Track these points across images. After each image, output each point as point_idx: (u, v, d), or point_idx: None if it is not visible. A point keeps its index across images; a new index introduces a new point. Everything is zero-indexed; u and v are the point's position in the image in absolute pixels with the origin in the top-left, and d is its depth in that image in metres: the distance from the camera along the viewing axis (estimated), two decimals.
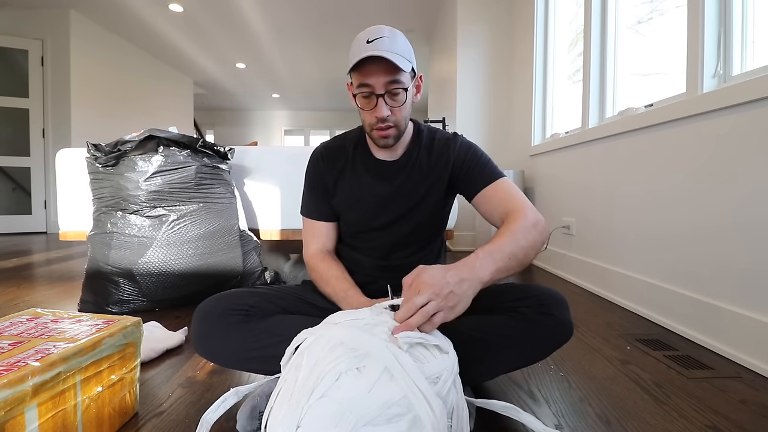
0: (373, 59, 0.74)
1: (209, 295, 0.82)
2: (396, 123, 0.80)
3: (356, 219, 0.91)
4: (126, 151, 1.51)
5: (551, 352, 0.77)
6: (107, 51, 4.83)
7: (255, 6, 4.17)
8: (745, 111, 1.06)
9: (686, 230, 1.27)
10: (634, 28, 1.82)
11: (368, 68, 0.75)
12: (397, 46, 0.75)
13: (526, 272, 2.28)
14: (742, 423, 0.76)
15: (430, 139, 0.91)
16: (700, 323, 1.19)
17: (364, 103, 0.79)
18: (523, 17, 2.86)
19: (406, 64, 0.76)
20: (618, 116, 1.74)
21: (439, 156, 0.89)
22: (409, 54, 0.78)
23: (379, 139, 0.82)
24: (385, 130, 0.80)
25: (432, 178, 0.88)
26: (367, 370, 0.49)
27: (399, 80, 0.76)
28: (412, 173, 0.88)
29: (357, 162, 0.90)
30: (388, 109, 0.77)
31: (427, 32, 4.85)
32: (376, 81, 0.75)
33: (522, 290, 0.78)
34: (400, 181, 0.88)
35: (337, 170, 0.91)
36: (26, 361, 0.54)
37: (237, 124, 9.11)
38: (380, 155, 0.89)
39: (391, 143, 0.82)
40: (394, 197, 0.88)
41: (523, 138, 2.82)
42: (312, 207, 0.93)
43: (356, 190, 0.89)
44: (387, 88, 0.76)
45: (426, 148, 0.90)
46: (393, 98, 0.77)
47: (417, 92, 0.85)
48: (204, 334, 0.75)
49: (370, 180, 0.89)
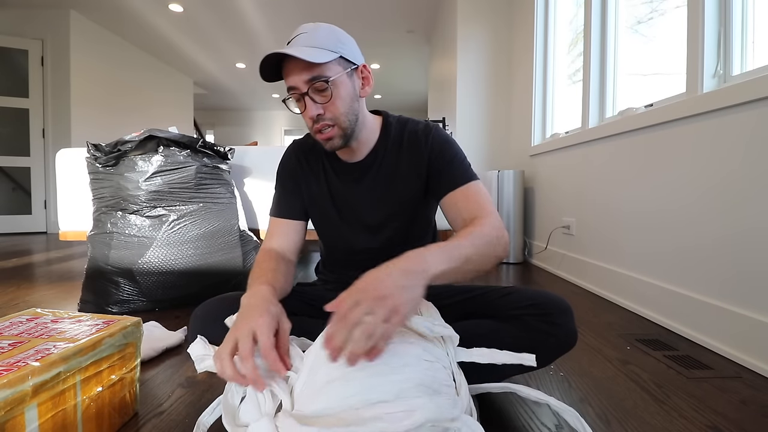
0: (290, 59, 0.69)
1: (209, 295, 0.82)
2: (334, 121, 0.73)
3: (328, 226, 0.88)
4: (126, 151, 1.51)
5: (554, 359, 0.76)
6: (107, 51, 4.83)
7: (255, 6, 4.17)
8: (745, 111, 1.06)
9: (686, 230, 1.27)
10: (634, 28, 1.82)
11: (288, 69, 0.70)
12: (317, 39, 0.70)
13: (527, 272, 2.28)
14: (742, 423, 0.76)
15: (400, 132, 0.84)
16: (700, 323, 1.19)
17: (294, 105, 0.75)
18: (523, 17, 2.86)
19: (325, 56, 0.69)
20: (618, 116, 1.74)
21: (412, 150, 0.81)
22: (334, 44, 0.71)
23: (323, 143, 0.76)
24: (324, 132, 0.73)
25: (405, 174, 0.81)
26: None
27: (321, 75, 0.69)
28: (380, 172, 0.82)
29: (327, 164, 0.86)
30: (318, 107, 0.71)
31: (427, 32, 4.85)
32: (297, 80, 0.70)
33: (527, 297, 0.75)
34: (367, 183, 0.83)
35: (309, 169, 0.87)
36: (26, 361, 0.54)
37: (237, 124, 9.11)
38: (344, 157, 0.84)
39: (337, 144, 0.76)
40: (363, 201, 0.84)
41: (523, 138, 2.82)
42: (279, 204, 0.89)
43: (326, 195, 0.86)
44: (309, 86, 0.70)
45: (395, 143, 0.83)
46: (319, 94, 0.71)
47: (363, 84, 0.78)
48: (202, 336, 0.74)
49: (339, 184, 0.85)
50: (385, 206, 0.83)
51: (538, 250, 2.47)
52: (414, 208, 0.84)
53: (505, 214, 2.56)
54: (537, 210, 2.55)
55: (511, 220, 2.55)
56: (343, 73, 0.73)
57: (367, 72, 0.79)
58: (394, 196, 0.82)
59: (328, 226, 0.89)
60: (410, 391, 0.51)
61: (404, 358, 0.53)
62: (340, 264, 0.94)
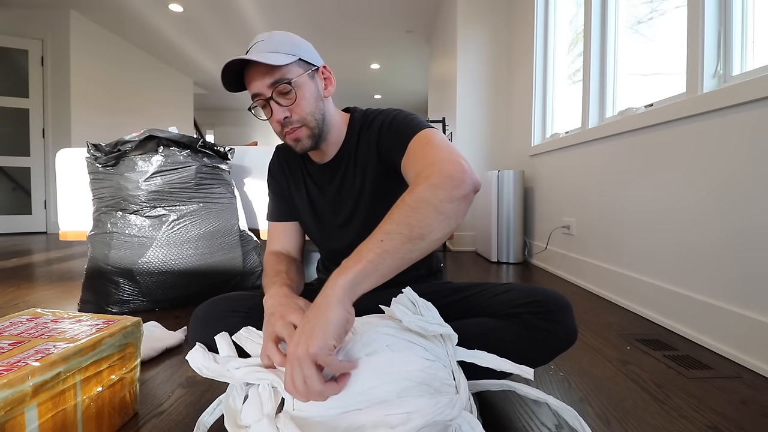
0: (250, 67, 0.71)
1: (209, 295, 0.82)
2: (302, 121, 0.73)
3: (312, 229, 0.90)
4: (126, 151, 1.51)
5: (554, 357, 0.76)
6: (107, 51, 4.83)
7: (255, 6, 4.17)
8: (746, 111, 1.06)
9: (686, 230, 1.27)
10: (634, 28, 1.82)
11: (249, 77, 0.72)
12: (273, 44, 0.71)
13: (527, 272, 2.28)
14: (742, 423, 0.76)
15: (362, 125, 0.82)
16: (700, 323, 1.19)
17: (260, 112, 0.75)
18: (523, 17, 2.86)
19: (284, 59, 0.70)
20: (618, 116, 1.74)
21: (368, 139, 0.80)
22: (290, 48, 0.72)
23: (294, 144, 0.76)
24: (293, 133, 0.74)
25: (364, 167, 0.80)
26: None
27: (282, 78, 0.70)
28: (348, 169, 0.82)
29: (305, 170, 0.88)
30: (284, 110, 0.72)
31: (427, 32, 4.85)
32: (260, 86, 0.71)
33: (527, 294, 0.75)
34: (337, 182, 0.83)
35: (292, 176, 0.89)
36: (26, 361, 0.54)
37: (237, 124, 9.11)
38: (317, 159, 0.85)
39: (307, 145, 0.76)
40: (334, 202, 0.84)
41: (523, 138, 2.82)
42: (275, 209, 0.92)
43: (306, 199, 0.88)
44: (273, 89, 0.71)
45: (356, 136, 0.82)
46: (284, 97, 0.72)
47: (326, 85, 0.78)
48: (202, 337, 0.74)
49: (314, 188, 0.87)
50: (352, 201, 0.83)
51: (538, 250, 2.47)
52: (380, 195, 0.80)
53: (505, 214, 2.56)
54: (537, 210, 2.55)
55: (511, 220, 2.56)
56: (305, 74, 0.74)
57: (329, 72, 0.79)
58: (359, 189, 0.82)
59: (312, 229, 0.90)
60: (412, 390, 0.52)
61: (406, 357, 0.54)
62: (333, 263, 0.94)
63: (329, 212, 0.86)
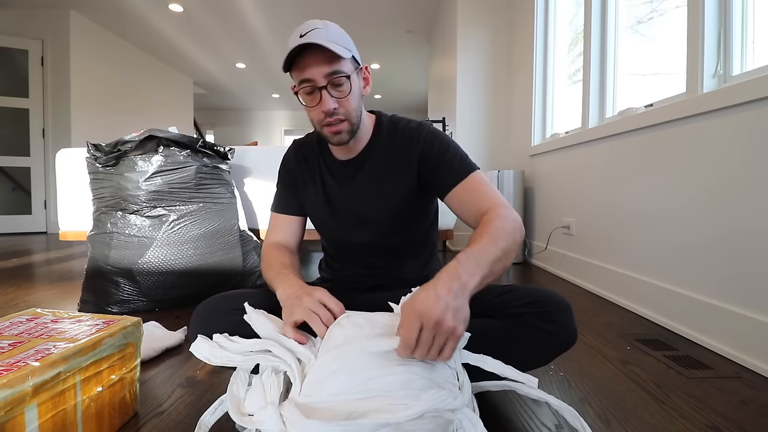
0: (308, 52, 0.70)
1: (209, 295, 0.82)
2: (346, 116, 0.75)
3: (325, 224, 0.90)
4: (126, 151, 1.51)
5: (554, 358, 0.76)
6: (107, 51, 4.83)
7: (255, 6, 4.17)
8: (745, 111, 1.06)
9: (686, 230, 1.27)
10: (634, 28, 1.82)
11: (306, 61, 0.71)
12: (332, 35, 0.72)
13: (527, 272, 2.28)
14: (742, 423, 0.76)
15: (392, 130, 0.85)
16: (700, 323, 1.19)
17: (309, 99, 0.75)
18: (523, 17, 2.86)
19: (345, 52, 0.72)
20: (618, 116, 1.74)
21: (403, 148, 0.82)
22: (346, 42, 0.75)
23: (331, 136, 0.77)
24: (335, 125, 0.75)
25: (396, 173, 0.82)
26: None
27: (340, 70, 0.72)
28: (372, 170, 0.84)
29: (323, 163, 0.88)
30: (333, 101, 0.73)
31: (427, 32, 4.85)
32: (316, 73, 0.71)
33: (527, 295, 0.75)
34: (360, 180, 0.84)
35: (307, 169, 0.89)
36: (26, 361, 0.54)
37: (237, 124, 9.11)
38: (339, 155, 0.86)
39: (345, 139, 0.77)
40: (356, 199, 0.85)
41: (523, 138, 2.82)
42: (279, 201, 0.93)
43: (322, 193, 0.88)
44: (329, 80, 0.71)
45: (387, 141, 0.84)
46: (337, 89, 0.73)
47: (365, 84, 0.81)
48: (203, 335, 0.74)
49: (333, 183, 0.87)
50: (376, 202, 0.84)
51: (538, 250, 2.47)
52: (406, 203, 0.84)
53: None
54: (537, 210, 2.55)
55: None
56: (354, 71, 0.76)
57: (368, 73, 0.82)
58: (386, 192, 0.84)
59: (325, 224, 0.91)
60: (415, 383, 0.52)
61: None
62: (340, 261, 0.95)
63: (347, 207, 0.87)
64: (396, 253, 0.89)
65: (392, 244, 0.88)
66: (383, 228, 0.86)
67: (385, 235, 0.86)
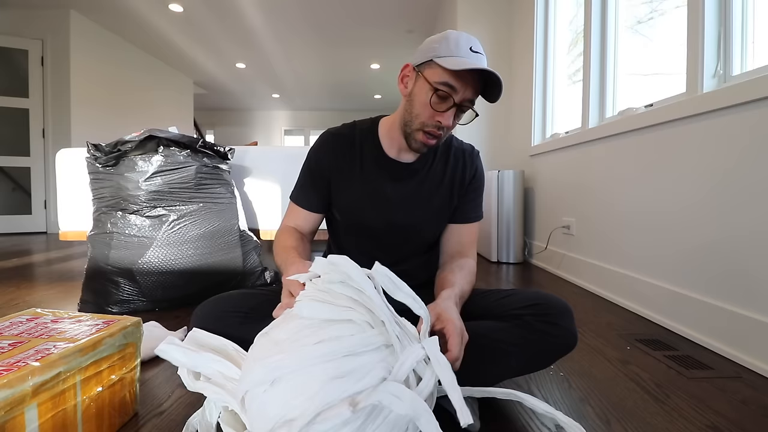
0: (478, 74, 0.73)
1: (209, 295, 0.82)
2: (445, 135, 0.80)
3: (357, 216, 0.88)
4: (126, 151, 1.51)
5: (555, 360, 0.76)
6: (107, 51, 4.83)
7: (255, 6, 4.17)
8: (746, 111, 1.06)
9: (687, 230, 1.27)
10: (634, 28, 1.82)
11: (475, 81, 0.74)
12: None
13: (527, 272, 2.28)
14: (742, 423, 0.76)
15: (447, 146, 0.90)
16: (700, 323, 1.19)
17: (436, 101, 0.75)
18: (523, 17, 2.86)
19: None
20: (618, 116, 1.74)
21: (457, 167, 0.89)
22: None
23: (423, 141, 0.79)
24: (434, 138, 0.79)
25: (446, 187, 0.88)
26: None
27: (474, 101, 0.77)
28: (427, 179, 0.87)
29: (367, 157, 0.87)
30: (455, 122, 0.78)
31: (427, 32, 4.85)
32: (464, 92, 0.74)
33: (528, 298, 0.76)
34: (413, 185, 0.87)
35: (344, 161, 0.87)
36: (26, 361, 0.54)
37: (237, 124, 9.10)
38: (393, 155, 0.87)
39: (427, 148, 0.82)
40: (404, 201, 0.86)
41: (523, 138, 2.82)
42: (302, 194, 0.91)
43: (362, 186, 0.86)
44: (467, 105, 0.76)
45: (443, 155, 0.89)
46: (461, 113, 0.78)
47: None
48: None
49: (381, 179, 0.86)
50: (424, 211, 0.87)
51: (538, 250, 2.47)
52: (439, 216, 0.90)
53: (505, 214, 2.56)
54: (537, 210, 2.55)
55: (511, 220, 2.55)
56: None
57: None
58: (434, 204, 0.88)
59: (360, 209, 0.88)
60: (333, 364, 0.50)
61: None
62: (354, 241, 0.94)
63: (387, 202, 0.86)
64: (408, 253, 0.91)
65: (411, 246, 0.91)
66: (413, 233, 0.89)
67: (413, 239, 0.90)
